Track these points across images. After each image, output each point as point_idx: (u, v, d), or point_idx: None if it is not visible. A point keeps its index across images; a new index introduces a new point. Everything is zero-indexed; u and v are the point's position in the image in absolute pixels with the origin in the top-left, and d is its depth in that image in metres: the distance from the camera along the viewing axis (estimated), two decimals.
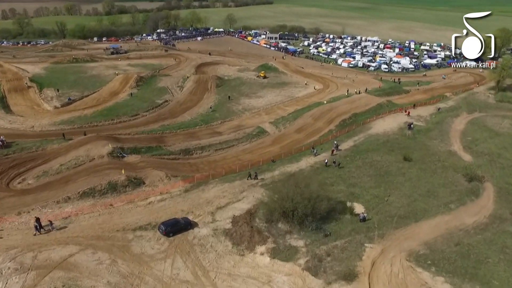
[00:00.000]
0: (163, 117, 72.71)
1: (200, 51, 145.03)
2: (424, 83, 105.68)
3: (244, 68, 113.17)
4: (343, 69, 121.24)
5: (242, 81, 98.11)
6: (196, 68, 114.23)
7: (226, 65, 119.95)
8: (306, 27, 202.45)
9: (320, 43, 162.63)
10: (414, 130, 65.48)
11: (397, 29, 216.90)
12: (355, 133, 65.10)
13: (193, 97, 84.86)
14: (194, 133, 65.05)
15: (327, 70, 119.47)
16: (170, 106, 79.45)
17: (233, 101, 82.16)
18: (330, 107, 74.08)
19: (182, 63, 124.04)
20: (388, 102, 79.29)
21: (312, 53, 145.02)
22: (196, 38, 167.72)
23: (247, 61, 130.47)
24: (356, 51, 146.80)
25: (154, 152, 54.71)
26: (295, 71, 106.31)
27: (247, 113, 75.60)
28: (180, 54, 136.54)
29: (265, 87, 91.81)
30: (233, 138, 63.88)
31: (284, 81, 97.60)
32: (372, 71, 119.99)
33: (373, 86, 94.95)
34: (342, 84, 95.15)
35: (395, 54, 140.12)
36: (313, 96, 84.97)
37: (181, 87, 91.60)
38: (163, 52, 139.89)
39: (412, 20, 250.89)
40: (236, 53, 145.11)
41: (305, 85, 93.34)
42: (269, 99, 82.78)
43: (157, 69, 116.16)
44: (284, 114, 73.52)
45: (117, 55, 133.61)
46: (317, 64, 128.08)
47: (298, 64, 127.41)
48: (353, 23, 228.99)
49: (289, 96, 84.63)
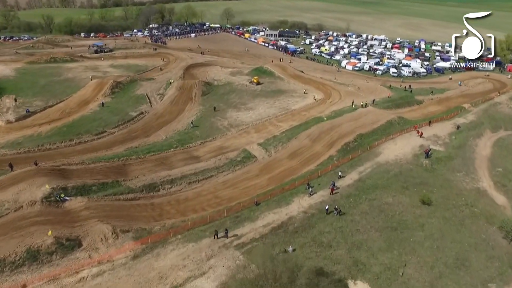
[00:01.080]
0: (133, 136, 61.68)
1: (192, 50, 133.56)
2: (437, 90, 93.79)
3: (237, 71, 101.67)
4: (347, 73, 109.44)
5: (232, 87, 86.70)
6: (185, 70, 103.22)
7: (218, 67, 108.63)
8: (308, 23, 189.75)
9: (323, 41, 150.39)
10: (432, 158, 54.09)
11: (404, 26, 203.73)
12: (360, 160, 53.85)
13: (174, 108, 73.70)
14: (166, 159, 54.00)
15: (329, 74, 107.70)
16: (145, 120, 68.36)
17: (218, 114, 70.94)
18: (331, 125, 62.69)
19: (170, 64, 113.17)
20: (399, 118, 67.70)
21: (313, 53, 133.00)
22: (190, 34, 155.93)
23: (241, 62, 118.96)
24: (362, 51, 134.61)
25: (108, 190, 43.77)
26: (293, 76, 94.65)
27: (233, 130, 64.40)
28: (170, 53, 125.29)
29: (257, 96, 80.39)
30: (212, 166, 52.85)
31: (280, 88, 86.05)
32: (380, 75, 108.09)
33: (381, 95, 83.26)
34: (346, 92, 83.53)
35: (404, 56, 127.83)
36: (312, 108, 73.50)
37: (161, 95, 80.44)
38: (152, 50, 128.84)
39: (420, 16, 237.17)
40: (231, 52, 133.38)
41: (303, 94, 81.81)
42: (261, 112, 71.41)
43: (142, 70, 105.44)
44: (277, 133, 62.29)
45: (100, 54, 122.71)
46: (319, 67, 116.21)
47: (298, 66, 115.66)
48: (358, 19, 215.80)
49: (284, 109, 73.22)
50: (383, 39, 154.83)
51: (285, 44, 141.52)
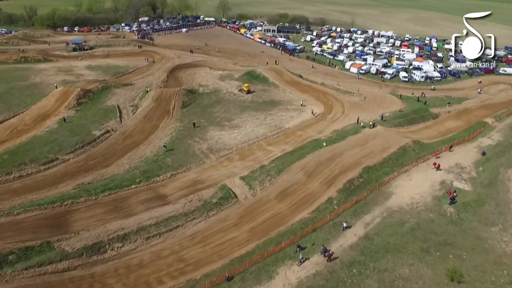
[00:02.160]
0: (90, 165, 50.66)
1: (182, 47, 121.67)
2: (455, 100, 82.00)
3: (227, 75, 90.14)
4: (351, 77, 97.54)
5: (218, 97, 75.26)
6: (170, 73, 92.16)
7: (207, 69, 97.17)
8: (310, 17, 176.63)
9: (325, 38, 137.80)
10: (457, 204, 42.94)
11: (413, 20, 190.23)
12: (367, 205, 42.85)
13: (146, 125, 62.53)
14: (124, 201, 43.07)
15: (331, 78, 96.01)
16: (109, 141, 57.26)
17: (198, 133, 59.75)
18: (331, 154, 51.37)
19: (154, 65, 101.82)
20: (414, 143, 56.24)
21: (314, 52, 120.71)
22: (181, 30, 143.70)
23: (234, 62, 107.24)
24: (368, 50, 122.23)
25: (33, 259, 32.96)
26: (289, 83, 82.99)
27: (213, 156, 53.24)
28: (156, 51, 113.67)
29: (246, 109, 68.96)
30: (180, 210, 41.94)
31: (273, 98, 74.50)
32: (388, 79, 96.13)
33: (391, 107, 71.76)
34: (350, 104, 72.05)
35: (414, 56, 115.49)
36: (309, 126, 62.14)
37: (135, 107, 69.25)
38: (137, 48, 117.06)
39: (430, 10, 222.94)
40: (224, 50, 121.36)
41: (300, 106, 70.32)
42: (248, 132, 60.08)
43: (121, 73, 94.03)
44: (265, 161, 51.16)
45: (79, 52, 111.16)
46: (320, 69, 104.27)
47: (296, 68, 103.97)
48: (364, 13, 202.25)
49: (276, 127, 61.82)
50: (390, 36, 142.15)
51: (284, 42, 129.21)
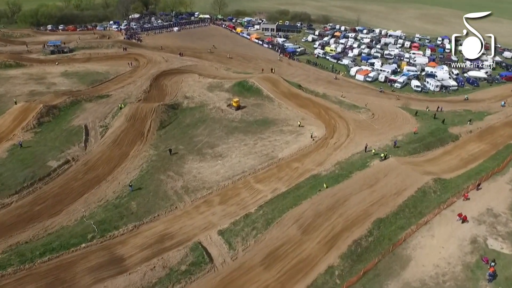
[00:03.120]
0: (36, 212, 40.95)
1: (171, 49, 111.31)
2: (475, 115, 71.67)
3: (217, 84, 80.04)
4: (357, 86, 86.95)
5: (203, 114, 65.22)
6: (153, 81, 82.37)
7: (196, 76, 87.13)
8: (312, 14, 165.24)
9: (328, 38, 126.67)
10: (499, 281, 32.90)
11: (423, 18, 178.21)
12: (378, 278, 33.01)
13: (114, 153, 52.66)
14: (69, 269, 33.43)
15: (335, 86, 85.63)
16: (66, 176, 47.48)
17: (174, 165, 49.86)
18: (333, 200, 41.34)
19: (138, 70, 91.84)
20: (435, 182, 45.98)
21: (316, 54, 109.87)
22: (172, 28, 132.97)
23: (227, 67, 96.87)
24: (375, 52, 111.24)
25: None
26: (286, 95, 72.67)
27: (188, 198, 43.40)
28: (142, 54, 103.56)
29: (233, 131, 58.82)
30: (138, 284, 32.22)
31: (266, 116, 64.23)
32: (399, 88, 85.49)
33: (404, 127, 61.61)
34: (356, 124, 61.89)
35: (427, 60, 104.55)
36: (307, 155, 52.09)
37: (105, 128, 59.32)
38: (121, 50, 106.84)
39: (439, 5, 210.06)
40: (217, 52, 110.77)
41: (298, 127, 60.15)
42: (234, 163, 50.04)
43: (99, 81, 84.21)
44: (252, 206, 41.41)
45: (58, 55, 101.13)
46: (323, 76, 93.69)
47: (296, 74, 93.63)
48: (369, 9, 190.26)
49: (268, 156, 51.74)
50: (399, 36, 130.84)
51: (283, 43, 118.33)
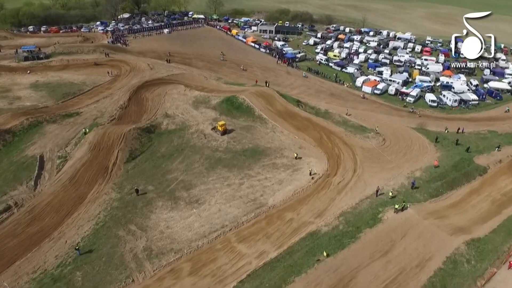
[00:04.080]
0: None
1: (158, 54, 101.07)
2: (502, 137, 61.42)
3: (204, 99, 70.01)
4: (364, 100, 76.49)
5: (183, 140, 55.08)
6: (133, 94, 72.92)
7: (182, 87, 77.20)
8: (314, 13, 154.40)
9: (331, 42, 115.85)
10: None
11: (432, 17, 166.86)
12: None
13: (69, 196, 42.80)
14: None
15: (338, 100, 75.36)
16: (2, 230, 37.56)
17: (138, 213, 39.91)
18: (335, 279, 31.20)
19: (118, 80, 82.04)
20: (468, 246, 35.74)
21: (318, 61, 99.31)
22: (162, 30, 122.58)
23: (218, 76, 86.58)
24: (383, 58, 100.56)
25: None
26: (282, 115, 62.35)
27: (149, 266, 33.41)
28: (125, 60, 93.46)
29: (216, 165, 48.61)
30: None
31: (257, 144, 53.85)
32: (411, 103, 75.04)
33: (421, 158, 51.52)
34: (364, 153, 51.73)
35: (441, 68, 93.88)
36: (304, 201, 41.97)
37: (64, 159, 49.38)
38: (103, 56, 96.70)
39: (449, 4, 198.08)
40: (208, 58, 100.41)
41: (294, 159, 49.92)
42: (212, 213, 39.97)
43: (73, 94, 74.28)
44: (230, 279, 31.48)
45: (32, 61, 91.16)
46: (325, 87, 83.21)
47: (294, 85, 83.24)
48: (375, 8, 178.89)
49: (256, 202, 41.63)
50: (409, 39, 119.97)
51: (282, 47, 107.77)
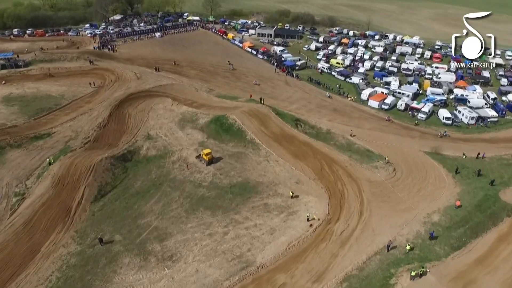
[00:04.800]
0: None
1: (147, 61, 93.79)
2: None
3: (191, 117, 62.88)
4: (371, 116, 68.98)
5: (163, 171, 47.86)
6: (114, 110, 65.96)
7: (169, 101, 70.41)
8: (316, 14, 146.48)
9: (334, 47, 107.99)
10: None
11: (440, 19, 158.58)
12: None
13: (20, 247, 36.07)
14: None
15: (342, 117, 67.89)
16: None
17: (98, 273, 32.88)
18: None
19: (100, 92, 75.42)
20: None
21: (320, 69, 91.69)
22: (154, 34, 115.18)
23: (209, 88, 79.29)
24: (390, 66, 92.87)
25: None
26: (277, 139, 54.82)
27: None
28: (111, 69, 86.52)
29: (198, 206, 41.30)
30: None
31: (247, 178, 46.32)
32: (423, 120, 67.55)
33: (440, 196, 44.18)
34: (372, 189, 44.37)
35: (454, 78, 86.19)
36: (300, 258, 34.70)
37: (22, 197, 42.37)
38: (87, 64, 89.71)
39: (457, 4, 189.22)
40: (201, 66, 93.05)
41: (290, 198, 42.60)
42: (188, 274, 32.76)
43: (49, 109, 67.43)
44: None
45: (10, 70, 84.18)
46: (328, 101, 75.62)
47: (294, 98, 75.86)
48: (380, 8, 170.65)
49: (242, 260, 34.36)
50: (417, 44, 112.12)
51: (281, 53, 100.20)
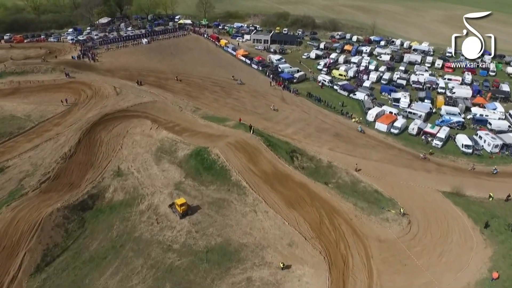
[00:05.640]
0: None
1: (130, 73, 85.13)
2: None
3: (171, 146, 54.28)
4: (379, 144, 59.99)
5: (126, 228, 39.26)
6: (84, 134, 57.72)
7: (149, 124, 61.96)
8: (316, 16, 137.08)
9: (337, 55, 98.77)
10: None
11: (449, 21, 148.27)
12: None
13: None
14: None
15: (346, 144, 58.99)
16: None
17: None
18: None
19: (73, 112, 67.32)
20: None
21: (321, 82, 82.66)
22: (141, 40, 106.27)
23: (195, 106, 70.60)
24: (398, 78, 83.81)
25: None
26: (268, 179, 46.02)
27: None
28: (88, 83, 78.67)
29: (164, 281, 32.76)
30: None
31: (229, 238, 37.60)
32: (439, 147, 58.70)
33: (467, 261, 35.44)
34: (383, 254, 35.80)
35: (470, 92, 77.15)
36: None
37: None
38: (63, 76, 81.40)
39: (467, 5, 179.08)
40: (189, 78, 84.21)
41: (280, 269, 33.94)
42: None
43: (8, 134, 59.17)
44: None
45: None
46: (329, 123, 66.57)
47: (291, 119, 67.08)
48: (384, 9, 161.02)
49: None
50: (427, 51, 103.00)
51: (278, 63, 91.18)
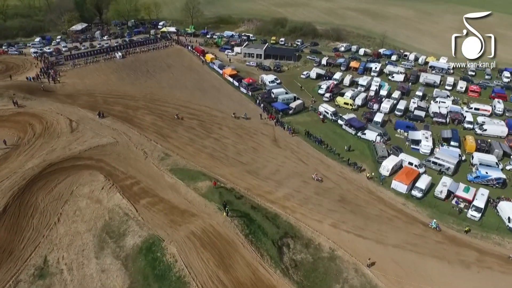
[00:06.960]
0: None
1: (95, 99, 71.05)
2: None
3: (122, 223, 40.68)
4: (395, 214, 45.57)
5: None
6: (14, 199, 44.11)
7: (101, 181, 50.11)
8: (318, 22, 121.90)
9: (341, 76, 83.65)
10: None
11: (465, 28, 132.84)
12: None
13: None
14: None
15: (353, 216, 44.67)
16: None
17: None
18: None
19: (10, 159, 54.09)
20: None
21: (322, 114, 68.07)
22: (114, 54, 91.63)
23: (165, 149, 56.34)
24: (416, 108, 69.27)
25: None
26: None
27: None
28: (39, 114, 66.07)
29: None
30: None
31: None
32: (476, 219, 44.35)
33: None
34: None
35: (505, 130, 62.59)
36: None
37: None
38: (11, 105, 67.64)
39: (485, 8, 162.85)
40: (161, 107, 69.85)
41: None
42: None
43: None
44: None
45: None
46: (333, 179, 52.02)
47: (284, 169, 52.75)
48: (393, 14, 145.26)
49: None
50: (446, 69, 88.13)
51: (270, 87, 76.54)
